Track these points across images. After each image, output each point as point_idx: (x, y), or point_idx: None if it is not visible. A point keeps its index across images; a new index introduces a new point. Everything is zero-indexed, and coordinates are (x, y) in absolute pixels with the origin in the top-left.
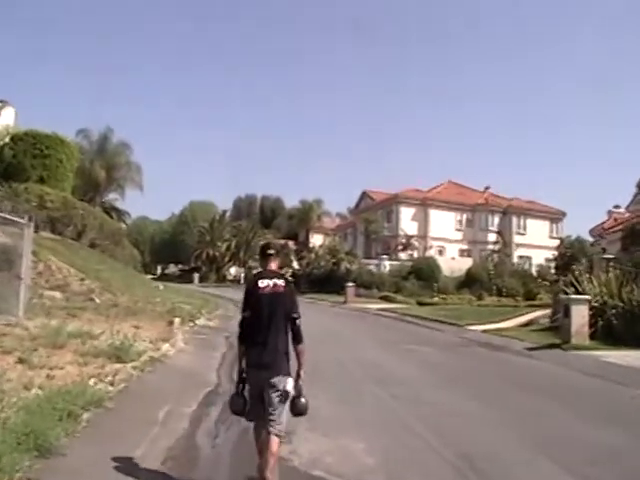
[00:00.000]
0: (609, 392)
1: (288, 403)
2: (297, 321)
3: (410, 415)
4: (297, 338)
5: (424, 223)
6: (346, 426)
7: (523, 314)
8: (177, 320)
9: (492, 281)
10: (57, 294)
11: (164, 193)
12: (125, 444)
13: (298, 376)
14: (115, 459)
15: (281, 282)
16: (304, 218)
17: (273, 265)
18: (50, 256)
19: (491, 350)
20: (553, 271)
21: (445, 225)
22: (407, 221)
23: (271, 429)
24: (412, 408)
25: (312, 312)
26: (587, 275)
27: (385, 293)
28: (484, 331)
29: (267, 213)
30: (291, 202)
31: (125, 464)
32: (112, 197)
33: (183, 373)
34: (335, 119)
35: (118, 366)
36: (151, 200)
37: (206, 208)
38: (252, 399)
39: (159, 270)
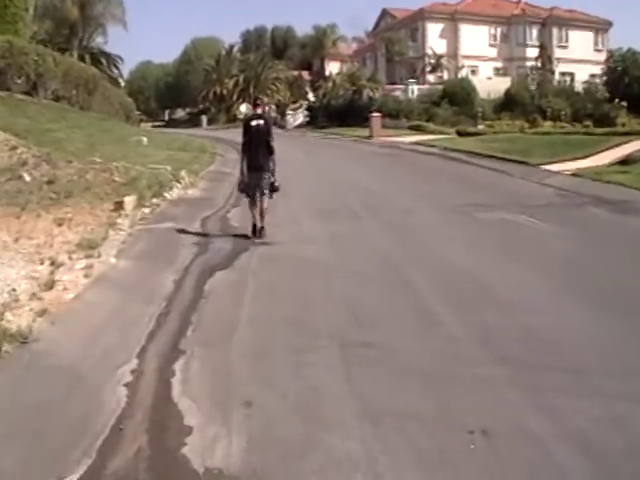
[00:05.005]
0: None
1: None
2: (270, 142)
3: None
4: (270, 151)
5: (454, 40)
6: None
7: (611, 146)
8: (130, 200)
9: (535, 102)
10: None
11: (169, 36)
12: None
13: (273, 170)
14: None
15: (262, 121)
16: (318, 45)
17: (259, 110)
18: None
19: (620, 214)
20: (603, 88)
21: (478, 41)
22: (435, 39)
23: (264, 199)
24: None
25: (330, 153)
26: None
27: (415, 122)
28: (575, 174)
29: (279, 44)
30: (304, 31)
31: None
32: (100, 41)
33: (59, 382)
34: None
35: None
36: (157, 45)
37: (211, 44)
38: (249, 185)
39: (166, 116)
